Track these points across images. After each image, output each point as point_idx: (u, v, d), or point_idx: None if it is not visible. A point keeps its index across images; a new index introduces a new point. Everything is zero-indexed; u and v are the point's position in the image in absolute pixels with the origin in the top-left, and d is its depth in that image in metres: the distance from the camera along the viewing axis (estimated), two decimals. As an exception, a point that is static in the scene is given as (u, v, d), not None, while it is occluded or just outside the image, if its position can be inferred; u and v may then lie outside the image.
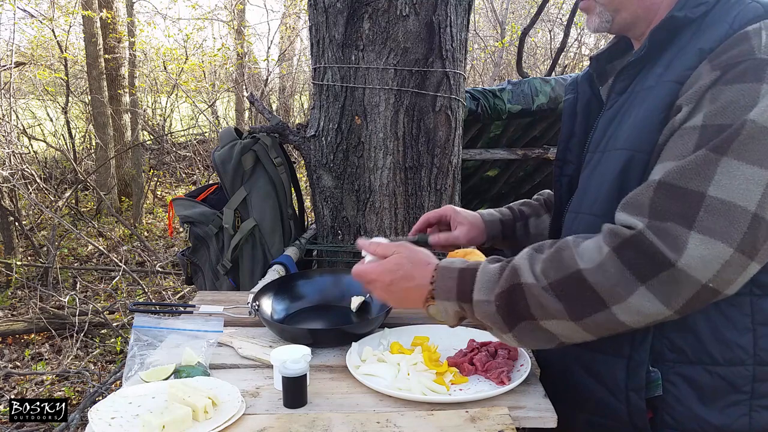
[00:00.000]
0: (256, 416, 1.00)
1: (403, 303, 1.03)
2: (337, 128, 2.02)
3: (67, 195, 6.04)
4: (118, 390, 1.08)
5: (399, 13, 1.87)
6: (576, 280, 0.84)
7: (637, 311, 0.82)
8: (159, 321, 1.28)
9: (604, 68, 1.13)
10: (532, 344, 0.93)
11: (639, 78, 1.00)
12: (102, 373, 3.38)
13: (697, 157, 0.82)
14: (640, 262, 0.81)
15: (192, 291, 4.02)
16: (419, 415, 1.00)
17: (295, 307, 1.48)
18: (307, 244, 2.21)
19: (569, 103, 1.18)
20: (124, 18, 7.22)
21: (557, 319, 0.86)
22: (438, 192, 2.07)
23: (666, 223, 0.80)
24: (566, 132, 1.16)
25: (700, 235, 0.79)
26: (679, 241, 0.79)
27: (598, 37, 8.92)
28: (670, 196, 0.82)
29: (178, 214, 2.23)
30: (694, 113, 0.85)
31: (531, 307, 0.87)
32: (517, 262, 0.91)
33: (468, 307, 0.94)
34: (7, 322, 3.96)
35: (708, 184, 0.80)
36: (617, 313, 0.83)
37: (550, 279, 0.86)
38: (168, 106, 8.75)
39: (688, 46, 0.91)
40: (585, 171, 1.06)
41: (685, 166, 0.82)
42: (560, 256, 0.87)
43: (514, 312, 0.89)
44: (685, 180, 0.81)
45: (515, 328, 0.90)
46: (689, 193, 0.81)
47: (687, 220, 0.80)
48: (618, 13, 1.01)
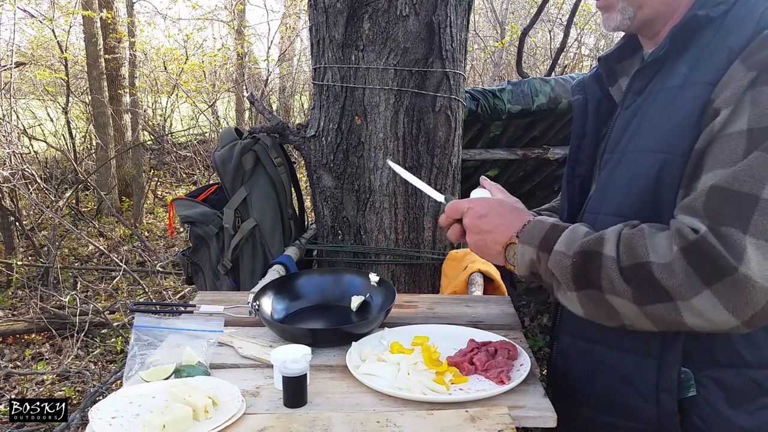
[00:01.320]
0: (256, 416, 1.01)
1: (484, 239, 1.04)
2: (337, 128, 2.02)
3: (68, 195, 6.05)
4: (118, 390, 1.09)
5: (399, 13, 1.88)
6: (644, 271, 0.84)
7: (701, 314, 0.81)
8: (159, 321, 1.29)
9: (612, 69, 1.12)
10: (594, 313, 0.91)
11: (658, 77, 0.98)
12: (102, 372, 3.38)
13: (749, 160, 0.80)
14: (706, 266, 0.80)
15: (192, 291, 4.02)
16: (419, 414, 1.00)
17: (295, 306, 1.48)
18: (307, 244, 2.21)
19: (579, 104, 1.17)
20: (124, 18, 7.23)
21: (622, 298, 0.86)
22: (438, 192, 2.07)
23: (723, 227, 0.80)
24: (578, 132, 1.15)
25: (754, 239, 0.78)
26: (737, 246, 0.78)
27: (598, 37, 8.92)
28: (723, 201, 0.81)
29: (178, 214, 2.23)
30: (735, 117, 0.83)
31: (602, 278, 0.87)
32: (607, 233, 0.90)
33: (545, 257, 0.94)
34: (7, 322, 3.97)
35: (762, 187, 0.79)
36: (682, 310, 0.82)
37: (623, 263, 0.86)
38: (168, 106, 8.75)
39: (712, 45, 0.90)
40: (603, 171, 1.04)
41: (738, 170, 0.81)
42: (635, 242, 0.86)
43: (586, 275, 0.89)
44: (738, 183, 0.80)
45: (582, 291, 0.90)
46: (742, 197, 0.79)
47: (742, 223, 0.79)
48: (640, 9, 0.99)
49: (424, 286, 2.16)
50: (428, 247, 2.10)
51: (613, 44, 1.24)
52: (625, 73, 1.10)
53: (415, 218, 2.06)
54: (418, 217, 2.07)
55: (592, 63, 8.51)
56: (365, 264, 2.09)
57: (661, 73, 0.98)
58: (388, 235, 2.06)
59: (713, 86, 0.87)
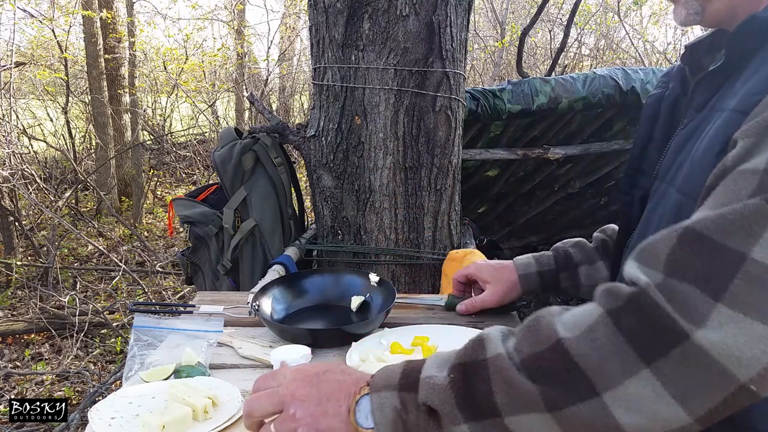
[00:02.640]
0: (256, 416, 1.00)
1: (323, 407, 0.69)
2: (337, 128, 2.02)
3: (67, 195, 6.04)
4: (118, 390, 1.08)
5: (399, 13, 1.87)
6: (556, 354, 0.60)
7: (639, 407, 0.57)
8: (159, 321, 1.28)
9: (700, 62, 0.90)
10: None
11: (722, 92, 0.77)
12: (102, 373, 3.38)
13: (746, 206, 0.58)
14: (644, 333, 0.57)
15: (192, 291, 4.02)
16: (419, 415, 1.00)
17: (295, 306, 1.48)
18: (307, 244, 2.21)
19: (653, 100, 0.97)
20: (124, 18, 7.22)
21: (529, 412, 0.60)
22: (438, 192, 2.07)
23: (682, 283, 0.57)
24: (644, 135, 0.96)
25: (728, 309, 0.55)
26: (695, 308, 0.56)
27: (598, 37, 8.92)
28: (697, 250, 0.58)
29: (178, 214, 2.23)
30: (754, 152, 0.61)
31: (495, 394, 0.61)
32: (487, 333, 0.68)
33: (412, 397, 0.66)
34: (7, 322, 3.96)
35: (753, 244, 0.56)
36: (611, 404, 0.57)
37: (521, 354, 0.62)
38: (168, 106, 8.75)
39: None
40: (651, 202, 0.87)
41: (726, 215, 0.59)
42: (538, 324, 0.64)
43: (472, 395, 0.62)
44: (723, 233, 0.58)
45: (474, 423, 0.62)
46: (725, 252, 0.57)
47: (713, 286, 0.56)
48: (709, 2, 0.80)
49: (424, 286, 2.15)
50: (428, 247, 2.10)
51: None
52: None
53: (415, 218, 2.06)
54: (418, 217, 2.07)
55: (592, 63, 8.51)
56: (365, 264, 2.09)
57: (726, 87, 0.77)
58: (388, 235, 2.06)
59: (744, 115, 0.67)
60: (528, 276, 1.19)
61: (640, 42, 8.02)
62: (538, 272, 1.19)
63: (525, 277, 1.19)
